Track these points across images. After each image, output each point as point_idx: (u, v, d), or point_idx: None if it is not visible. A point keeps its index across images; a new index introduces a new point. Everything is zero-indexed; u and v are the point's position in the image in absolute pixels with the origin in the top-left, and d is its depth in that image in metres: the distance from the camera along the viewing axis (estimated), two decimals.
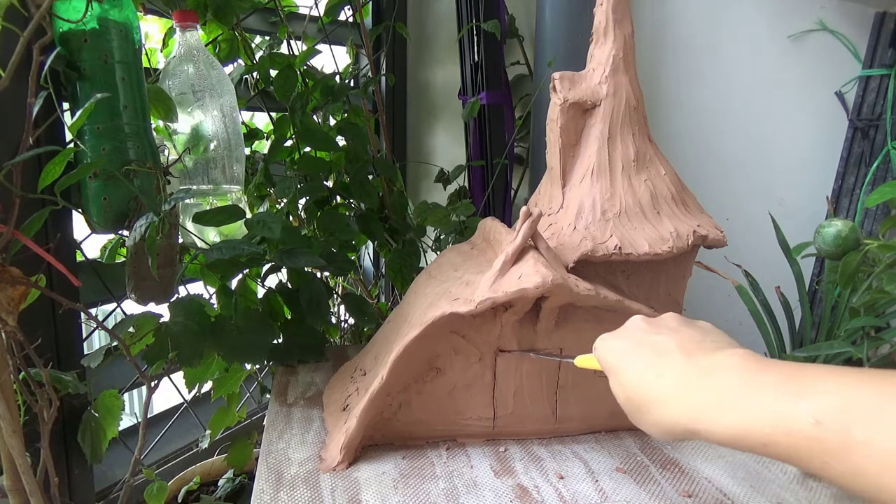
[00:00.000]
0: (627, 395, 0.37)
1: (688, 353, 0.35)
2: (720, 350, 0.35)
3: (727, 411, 0.31)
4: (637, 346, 0.39)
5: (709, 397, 0.32)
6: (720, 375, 0.33)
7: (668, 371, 0.35)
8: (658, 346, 0.37)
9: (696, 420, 0.32)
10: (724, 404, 0.31)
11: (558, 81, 0.62)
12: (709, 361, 0.34)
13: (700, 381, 0.33)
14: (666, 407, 0.34)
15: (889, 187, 0.61)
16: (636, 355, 0.38)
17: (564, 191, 0.63)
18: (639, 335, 0.40)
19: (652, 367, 0.36)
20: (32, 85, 0.53)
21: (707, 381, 0.33)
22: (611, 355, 0.40)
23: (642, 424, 0.36)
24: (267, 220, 0.69)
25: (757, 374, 0.31)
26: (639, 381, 0.36)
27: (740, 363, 0.33)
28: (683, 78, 1.08)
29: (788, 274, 0.79)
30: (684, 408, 0.33)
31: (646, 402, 0.35)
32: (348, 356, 0.78)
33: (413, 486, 0.53)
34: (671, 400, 0.34)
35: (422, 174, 1.34)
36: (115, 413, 0.67)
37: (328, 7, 1.01)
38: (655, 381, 0.35)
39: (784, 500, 0.52)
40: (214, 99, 0.75)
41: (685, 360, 0.35)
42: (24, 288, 0.54)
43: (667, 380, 0.35)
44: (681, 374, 0.34)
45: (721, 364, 0.33)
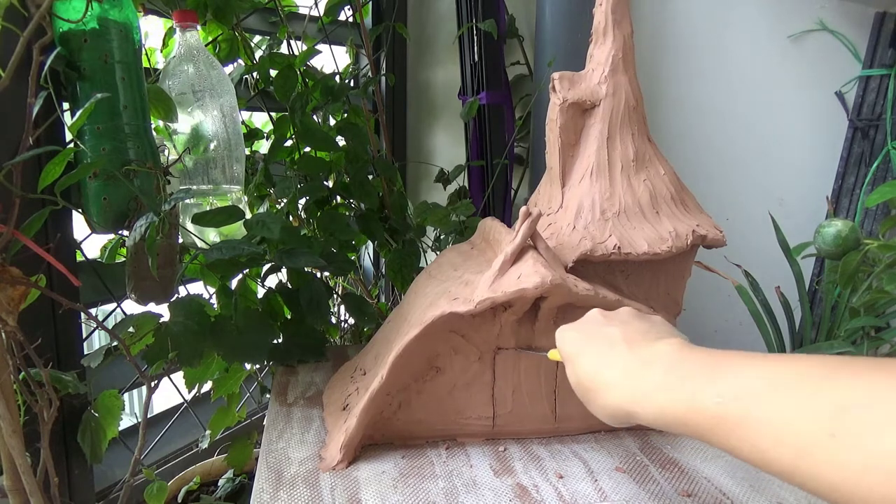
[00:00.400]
0: (580, 381, 0.41)
1: (631, 344, 0.39)
2: (659, 340, 0.38)
3: (655, 395, 0.34)
4: (590, 338, 0.42)
5: (645, 384, 0.35)
6: (654, 363, 0.36)
7: (615, 361, 0.39)
8: (608, 337, 0.41)
9: (634, 405, 0.35)
10: (655, 390, 0.34)
11: (558, 81, 0.62)
12: (647, 351, 0.38)
13: (638, 370, 0.37)
14: (610, 393, 0.38)
15: (889, 187, 0.61)
16: (589, 346, 0.42)
17: (564, 191, 0.63)
18: (593, 327, 0.43)
19: (602, 357, 0.40)
20: (32, 85, 0.53)
21: (643, 370, 0.36)
22: (567, 345, 0.44)
23: (592, 408, 0.40)
24: (266, 220, 0.69)
25: (683, 362, 0.34)
26: (590, 370, 0.40)
27: (672, 351, 0.36)
28: (683, 78, 1.08)
29: (788, 274, 0.79)
30: (624, 394, 0.36)
31: (594, 388, 0.39)
32: (348, 356, 0.78)
33: (413, 486, 0.54)
34: (615, 387, 0.37)
35: (422, 174, 1.34)
36: (115, 413, 0.67)
37: (328, 7, 1.01)
38: (604, 370, 0.39)
39: (784, 499, 0.52)
40: (214, 99, 0.75)
41: (629, 351, 0.39)
42: (24, 288, 0.54)
43: (613, 369, 0.38)
44: (624, 363, 0.38)
45: (656, 353, 0.37)
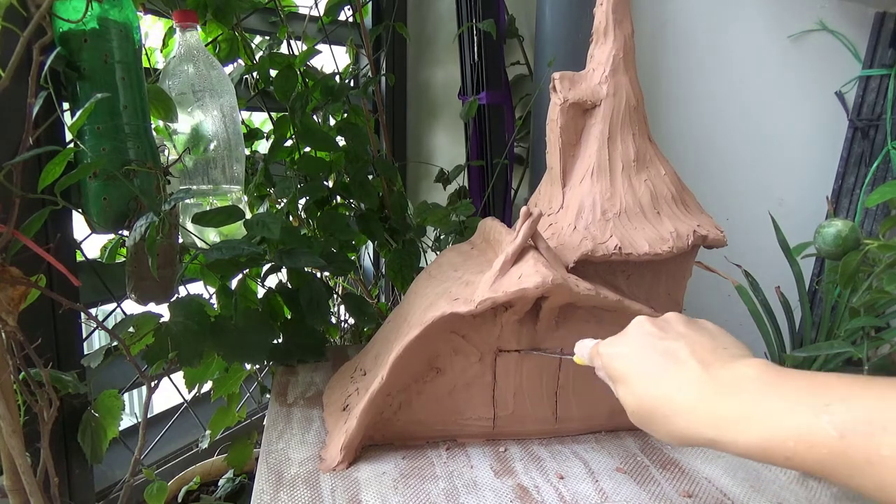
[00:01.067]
0: (642, 404, 0.37)
1: (704, 364, 0.35)
2: (736, 360, 0.35)
3: (750, 425, 0.31)
4: (647, 354, 0.38)
5: (730, 411, 0.32)
6: (741, 388, 0.32)
7: (686, 383, 0.35)
8: (670, 353, 0.37)
9: (718, 433, 0.32)
10: (746, 418, 0.31)
11: (558, 81, 0.62)
12: (727, 373, 0.34)
13: (720, 395, 0.33)
14: (685, 419, 0.34)
15: (889, 187, 0.61)
16: (647, 363, 0.37)
17: (564, 191, 0.63)
18: (647, 340, 0.39)
19: (668, 377, 0.36)
20: (32, 85, 0.53)
21: (728, 395, 0.33)
22: (617, 363, 0.39)
23: (656, 433, 0.36)
24: (266, 220, 0.69)
25: (777, 387, 0.31)
26: (654, 392, 0.36)
27: (759, 375, 0.32)
28: (684, 78, 1.08)
29: (788, 274, 0.79)
30: (705, 421, 0.33)
31: (663, 413, 0.35)
32: (348, 356, 0.78)
33: (413, 486, 0.53)
34: (691, 412, 0.34)
35: (422, 174, 1.34)
36: (116, 413, 0.67)
37: (328, 7, 1.01)
38: (674, 393, 0.35)
39: (784, 500, 0.52)
40: (214, 99, 0.75)
41: (703, 371, 0.35)
42: (24, 288, 0.54)
43: (685, 393, 0.34)
44: (699, 386, 0.34)
45: (741, 376, 0.33)
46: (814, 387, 0.30)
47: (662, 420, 0.35)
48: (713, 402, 0.33)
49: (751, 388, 0.32)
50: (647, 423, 0.37)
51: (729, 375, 0.34)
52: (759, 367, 0.33)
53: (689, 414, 0.34)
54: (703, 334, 0.38)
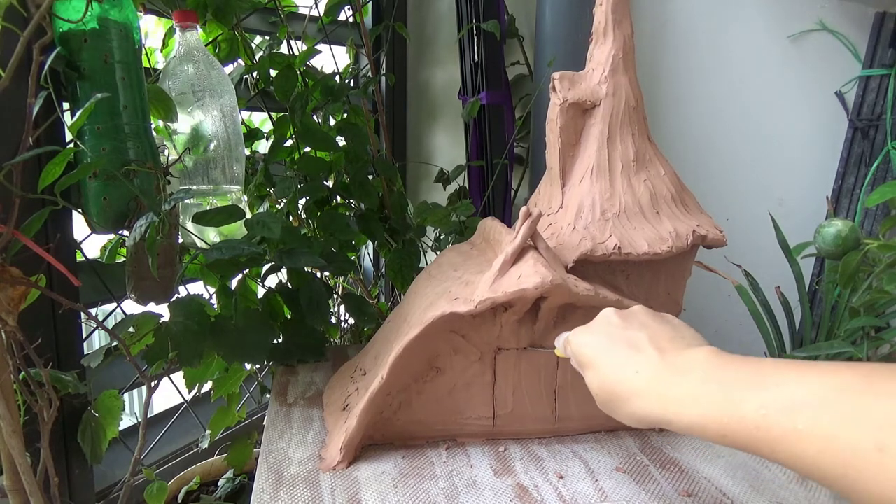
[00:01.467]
0: (604, 387, 0.40)
1: (661, 350, 0.38)
2: (690, 348, 0.38)
3: (692, 404, 0.34)
4: (612, 342, 0.41)
5: (678, 392, 0.35)
6: (689, 371, 0.36)
7: (644, 367, 0.38)
8: (632, 341, 0.40)
9: (666, 412, 0.35)
10: (689, 398, 0.34)
11: (558, 81, 0.62)
12: (680, 359, 0.37)
13: (672, 378, 0.36)
14: (640, 401, 0.37)
15: (889, 187, 0.61)
16: (612, 351, 0.41)
17: (564, 191, 0.63)
18: (612, 330, 0.42)
19: (628, 363, 0.39)
20: (32, 85, 0.53)
21: (677, 377, 0.36)
22: (585, 350, 0.43)
23: (618, 415, 0.39)
24: (267, 219, 0.69)
25: (720, 371, 0.34)
26: (616, 377, 0.39)
27: (708, 360, 0.36)
28: (684, 78, 1.08)
29: (788, 274, 0.79)
30: (657, 401, 0.36)
31: (622, 395, 0.38)
32: (348, 356, 0.78)
33: (413, 486, 0.54)
34: (645, 395, 0.37)
35: (422, 174, 1.34)
36: (116, 413, 0.67)
37: (328, 7, 1.01)
38: (632, 376, 0.38)
39: (784, 500, 0.52)
40: (214, 99, 0.75)
41: (658, 357, 0.38)
42: (24, 288, 0.54)
43: (642, 376, 0.38)
44: (655, 370, 0.37)
45: (690, 361, 0.36)
46: (753, 370, 0.32)
47: (622, 402, 0.38)
48: (664, 385, 0.36)
49: (696, 372, 0.35)
50: (610, 405, 0.40)
51: (681, 360, 0.37)
52: (708, 353, 0.36)
53: (644, 395, 0.37)
54: (665, 325, 0.42)
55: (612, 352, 0.41)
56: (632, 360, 0.39)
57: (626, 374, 0.39)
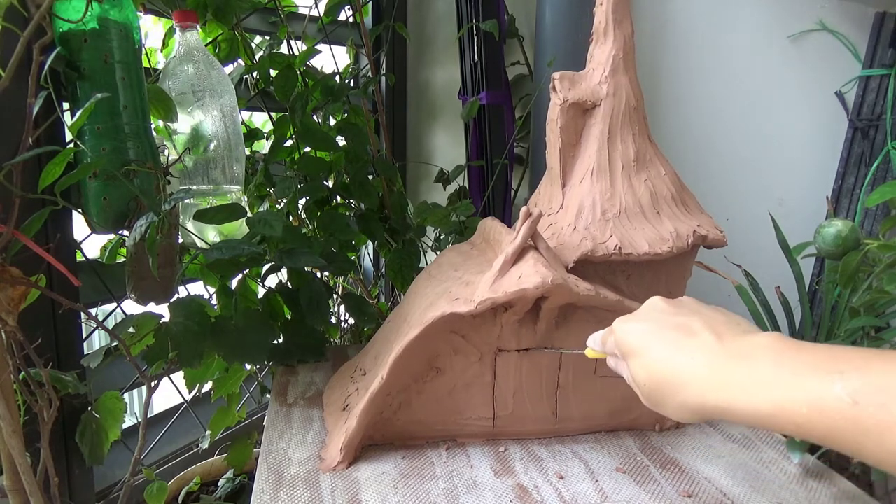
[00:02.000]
0: (653, 375, 0.37)
1: (718, 335, 0.35)
2: (750, 332, 0.35)
3: (761, 391, 0.31)
4: (661, 328, 0.38)
5: (743, 378, 0.32)
6: (754, 356, 0.32)
7: (699, 352, 0.35)
8: (684, 327, 0.37)
9: (729, 400, 0.32)
10: (758, 384, 0.31)
11: (558, 81, 0.62)
12: (741, 343, 0.34)
13: (733, 362, 0.33)
14: (697, 388, 0.34)
15: (889, 187, 0.61)
16: (661, 337, 0.38)
17: (564, 191, 0.63)
18: (661, 316, 0.39)
19: (681, 348, 0.36)
20: (32, 85, 0.53)
21: (741, 362, 0.33)
22: (632, 338, 0.39)
23: (667, 406, 0.36)
24: (268, 218, 0.69)
25: (792, 355, 0.31)
26: (667, 363, 0.36)
27: (774, 344, 0.32)
28: (684, 78, 1.08)
29: (788, 274, 0.79)
30: (717, 388, 0.33)
31: (675, 382, 0.35)
32: (348, 356, 0.78)
33: (413, 486, 0.53)
34: (703, 381, 0.34)
35: (422, 174, 1.34)
36: (118, 415, 0.67)
37: (328, 7, 1.01)
38: (687, 361, 0.35)
39: (784, 500, 0.52)
40: (214, 99, 0.75)
41: (716, 342, 0.35)
42: (24, 288, 0.54)
43: (698, 360, 0.34)
44: (713, 354, 0.34)
45: (754, 345, 0.33)
46: (828, 356, 0.30)
47: (674, 391, 0.35)
48: (725, 370, 0.33)
49: (764, 357, 0.32)
50: (659, 395, 0.36)
51: (742, 345, 0.34)
52: (773, 337, 0.33)
53: (701, 382, 0.34)
54: (717, 312, 0.38)
55: (663, 337, 0.37)
56: (686, 345, 0.36)
57: (679, 359, 0.35)
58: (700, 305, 0.40)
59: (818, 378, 0.29)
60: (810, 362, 0.30)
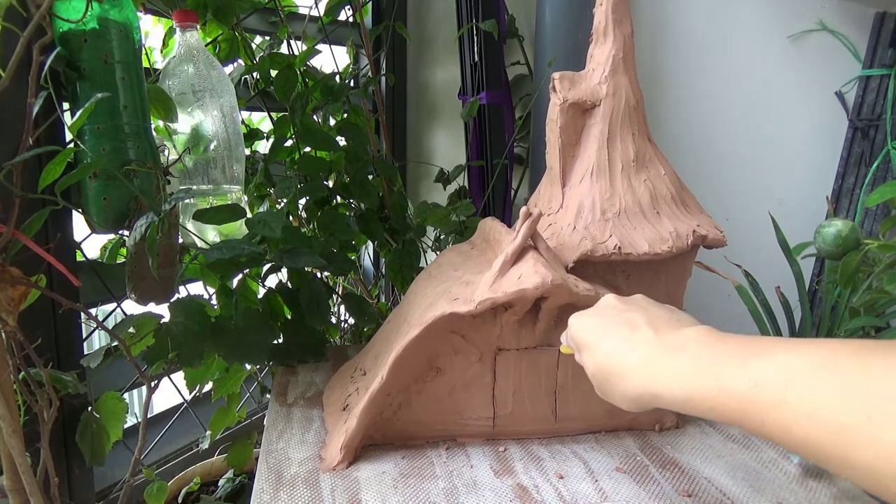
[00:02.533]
0: (599, 366, 0.40)
1: (656, 330, 0.39)
2: (685, 327, 0.38)
3: (681, 379, 0.34)
4: (610, 323, 0.42)
5: (671, 368, 0.35)
6: (682, 348, 0.36)
7: (639, 345, 0.38)
8: (630, 322, 0.41)
9: (658, 388, 0.35)
10: (680, 373, 0.34)
11: (558, 81, 0.62)
12: (674, 337, 0.37)
13: (665, 354, 0.36)
14: (633, 377, 0.37)
15: (889, 187, 0.61)
16: (610, 331, 0.41)
17: (564, 191, 0.63)
18: (611, 312, 0.43)
19: (625, 341, 0.39)
20: (32, 85, 0.53)
21: (671, 354, 0.36)
22: (584, 331, 0.43)
23: (613, 395, 0.39)
24: (268, 218, 0.69)
25: (713, 347, 0.34)
26: (612, 355, 0.39)
27: (701, 337, 0.36)
28: (684, 78, 1.08)
29: (788, 274, 0.79)
30: (650, 377, 0.36)
31: (616, 373, 0.39)
32: (348, 356, 0.78)
33: (413, 486, 0.54)
34: (638, 370, 0.37)
35: (422, 174, 1.34)
36: (119, 416, 0.67)
37: (328, 7, 1.01)
38: (627, 354, 0.38)
39: (784, 500, 0.52)
40: (214, 99, 0.75)
41: (654, 336, 0.38)
42: (24, 288, 0.54)
43: (637, 353, 0.38)
44: (650, 346, 0.38)
45: (685, 338, 0.36)
46: (746, 346, 0.32)
47: (616, 380, 0.39)
48: (659, 361, 0.36)
49: (693, 347, 0.35)
50: (605, 386, 0.40)
51: (675, 338, 0.37)
52: (703, 331, 0.37)
53: (637, 371, 0.37)
54: (663, 309, 0.42)
55: (609, 331, 0.41)
56: (628, 339, 0.39)
57: (621, 352, 0.39)
58: (649, 303, 0.43)
59: (731, 365, 0.32)
60: (727, 353, 0.33)
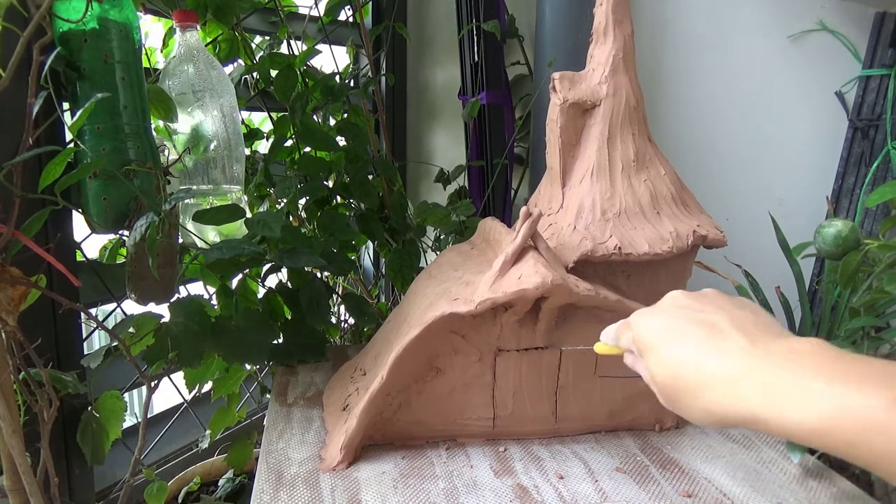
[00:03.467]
0: (675, 374, 0.34)
1: (750, 336, 0.32)
2: (785, 336, 0.32)
3: (809, 400, 0.27)
4: (684, 323, 0.35)
5: (785, 383, 0.29)
6: (797, 361, 0.29)
7: (730, 354, 0.32)
8: (709, 324, 0.34)
9: (767, 407, 0.29)
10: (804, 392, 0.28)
11: (558, 81, 0.62)
12: (779, 346, 0.31)
13: (771, 366, 0.30)
14: (726, 391, 0.31)
15: (889, 187, 0.61)
16: (684, 332, 0.35)
17: (564, 191, 0.63)
18: (684, 312, 0.36)
19: (709, 346, 0.33)
20: (32, 85, 0.53)
21: (781, 366, 0.29)
22: (652, 334, 0.36)
23: (688, 408, 0.33)
24: (267, 219, 0.69)
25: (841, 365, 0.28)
26: (691, 360, 0.33)
27: (817, 351, 0.29)
28: (683, 78, 1.08)
29: (788, 274, 0.79)
30: (751, 395, 0.30)
31: (699, 383, 0.32)
32: (348, 356, 0.78)
33: (413, 486, 0.54)
34: (734, 383, 0.31)
35: (422, 174, 1.34)
36: (118, 414, 0.67)
37: (328, 7, 1.01)
38: (715, 362, 0.32)
39: (784, 500, 0.52)
40: (214, 99, 0.75)
41: (749, 345, 0.32)
42: (24, 288, 0.54)
43: (729, 362, 0.31)
44: (746, 356, 0.31)
45: (796, 350, 0.30)
46: (885, 370, 0.27)
47: (697, 392, 0.32)
48: (763, 373, 0.30)
49: (810, 363, 0.29)
50: (679, 395, 0.34)
51: (782, 348, 0.31)
52: (817, 343, 0.30)
53: (731, 385, 0.31)
54: (744, 309, 0.36)
55: (687, 334, 0.34)
56: (713, 345, 0.33)
57: (705, 359, 0.32)
58: (724, 300, 0.37)
59: (878, 395, 0.26)
60: (866, 374, 0.27)
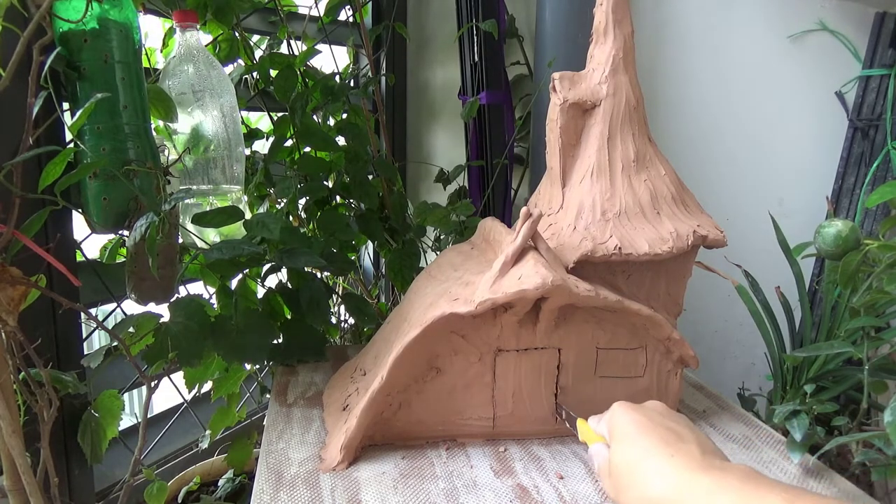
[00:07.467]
0: (630, 461, 0.40)
1: (702, 447, 0.39)
2: (729, 462, 0.38)
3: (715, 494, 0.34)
4: (655, 424, 0.42)
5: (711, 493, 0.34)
6: (727, 479, 0.35)
7: (681, 455, 0.38)
8: (676, 432, 0.41)
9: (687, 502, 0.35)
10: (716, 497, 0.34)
11: (558, 81, 0.62)
12: (721, 464, 0.37)
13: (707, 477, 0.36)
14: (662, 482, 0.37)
15: (889, 187, 0.61)
16: (653, 431, 0.41)
17: (564, 191, 0.63)
18: (659, 417, 0.43)
19: (667, 445, 0.39)
20: (32, 85, 0.53)
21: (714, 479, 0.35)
22: (628, 424, 0.43)
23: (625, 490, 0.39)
24: (266, 220, 0.69)
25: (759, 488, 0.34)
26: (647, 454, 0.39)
27: (747, 475, 0.35)
28: (683, 78, 1.08)
29: (788, 274, 0.79)
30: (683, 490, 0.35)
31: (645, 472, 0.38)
32: (348, 356, 0.78)
33: (413, 486, 0.54)
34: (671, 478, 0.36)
35: (422, 174, 1.34)
36: (116, 413, 0.67)
37: (328, 7, 1.01)
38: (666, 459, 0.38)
39: None
40: (214, 99, 0.75)
41: (700, 455, 0.38)
42: (24, 288, 0.54)
43: (676, 463, 0.37)
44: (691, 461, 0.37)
45: (730, 470, 0.36)
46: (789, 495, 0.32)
47: (640, 478, 0.38)
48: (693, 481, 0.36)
49: (734, 483, 0.35)
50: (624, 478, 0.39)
51: (720, 467, 0.37)
52: (749, 470, 0.36)
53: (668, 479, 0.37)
54: (709, 440, 0.42)
55: (653, 432, 0.41)
56: (671, 445, 0.39)
57: (659, 454, 0.39)
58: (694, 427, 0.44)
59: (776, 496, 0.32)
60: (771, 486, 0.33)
